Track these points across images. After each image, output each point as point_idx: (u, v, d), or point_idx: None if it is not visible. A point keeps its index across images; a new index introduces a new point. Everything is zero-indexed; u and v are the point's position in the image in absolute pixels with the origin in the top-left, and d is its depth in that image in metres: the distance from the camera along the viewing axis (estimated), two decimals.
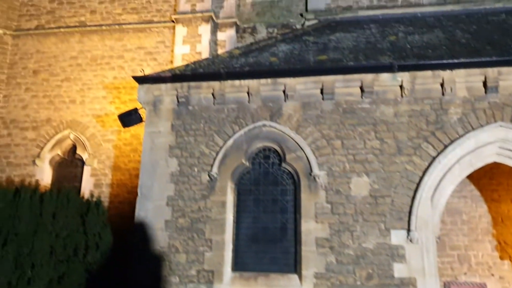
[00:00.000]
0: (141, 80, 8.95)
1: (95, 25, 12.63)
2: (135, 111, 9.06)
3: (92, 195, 9.17)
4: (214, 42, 12.16)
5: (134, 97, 11.92)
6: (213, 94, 8.61)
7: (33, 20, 13.04)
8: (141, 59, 12.28)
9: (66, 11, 12.96)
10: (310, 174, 7.86)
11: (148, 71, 12.10)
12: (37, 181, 11.47)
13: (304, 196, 7.81)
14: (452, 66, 7.67)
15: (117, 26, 12.54)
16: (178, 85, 8.77)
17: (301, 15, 11.99)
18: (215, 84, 8.61)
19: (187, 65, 9.60)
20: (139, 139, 11.50)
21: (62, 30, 12.70)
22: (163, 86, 8.85)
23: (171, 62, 12.07)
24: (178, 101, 8.74)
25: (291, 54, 9.35)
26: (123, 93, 12.07)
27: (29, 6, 13.19)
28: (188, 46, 11.93)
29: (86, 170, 11.64)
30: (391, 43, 9.25)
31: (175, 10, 12.44)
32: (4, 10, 12.87)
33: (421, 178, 7.55)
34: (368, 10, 11.41)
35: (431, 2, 11.23)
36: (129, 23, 12.56)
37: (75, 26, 12.71)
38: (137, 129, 11.16)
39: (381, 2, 11.50)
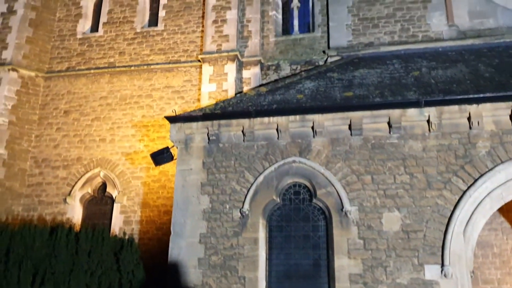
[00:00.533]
0: (173, 119, 9.27)
1: (124, 66, 13.16)
2: (166, 150, 9.36)
3: (124, 233, 9.38)
4: (239, 80, 12.54)
5: (162, 135, 12.30)
6: (243, 132, 8.87)
7: (64, 62, 13.64)
8: (169, 98, 12.69)
9: (95, 53, 13.54)
10: (342, 210, 7.98)
11: (175, 109, 12.49)
12: (68, 219, 11.76)
13: (336, 232, 7.91)
14: (478, 101, 7.84)
15: (145, 67, 13.04)
16: (208, 123, 9.07)
17: (324, 52, 12.34)
18: (245, 122, 8.88)
19: (216, 104, 9.93)
20: (167, 176, 11.78)
21: (92, 71, 13.26)
22: (194, 124, 9.15)
23: (198, 100, 12.45)
24: (209, 139, 9.02)
25: (317, 91, 9.63)
26: (151, 131, 12.44)
27: (60, 49, 13.82)
28: (215, 84, 12.32)
29: (116, 208, 11.91)
30: (416, 78, 9.48)
31: (201, 50, 12.92)
32: (36, 54, 13.50)
33: (452, 212, 7.61)
34: (390, 46, 11.71)
35: (452, 37, 11.49)
36: (157, 63, 13.06)
37: (105, 67, 13.26)
38: (166, 166, 11.41)
39: (402, 38, 11.79)
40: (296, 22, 13.37)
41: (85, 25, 14.05)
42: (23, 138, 12.73)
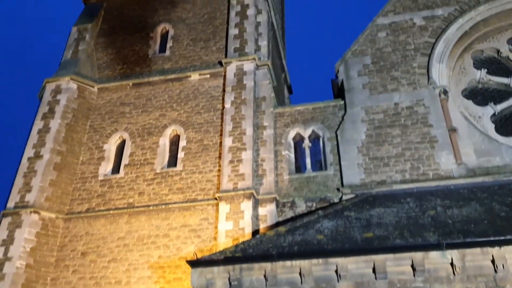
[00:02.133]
0: (194, 263, 9.37)
1: (143, 206, 13.60)
2: None
3: None
4: (255, 217, 12.85)
5: (178, 276, 12.27)
6: (265, 276, 8.90)
7: (84, 204, 14.12)
8: (186, 237, 12.89)
9: (115, 194, 14.08)
10: None
11: (191, 248, 12.64)
12: None
13: None
14: (500, 243, 8.03)
15: (163, 206, 13.47)
16: (230, 267, 9.14)
17: (338, 189, 12.83)
18: (267, 265, 8.96)
19: (236, 246, 10.08)
20: None
21: (111, 212, 13.66)
22: (215, 269, 9.22)
23: (215, 238, 12.63)
24: (230, 284, 9.02)
25: (336, 231, 9.85)
26: (167, 272, 12.41)
27: (81, 190, 14.41)
28: (231, 222, 12.60)
29: None
30: (432, 218, 9.77)
31: (218, 188, 13.45)
32: (58, 196, 14.05)
33: None
34: (402, 184, 12.22)
35: (461, 175, 12.05)
36: (175, 202, 13.51)
37: (124, 208, 13.69)
38: None
39: (413, 176, 12.35)
40: (308, 161, 14.09)
41: (107, 167, 14.82)
42: (39, 281, 12.67)
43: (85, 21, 18.27)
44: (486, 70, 14.54)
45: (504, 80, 14.37)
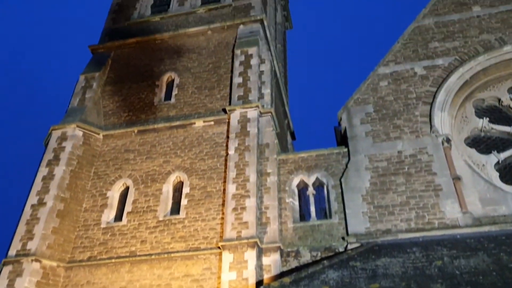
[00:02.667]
0: None
1: (145, 255, 13.45)
2: None
3: None
4: (259, 267, 12.66)
5: None
6: None
7: (86, 252, 13.98)
8: (188, 287, 12.65)
9: (118, 242, 13.97)
10: None
11: None
12: None
13: None
14: None
15: (165, 255, 13.32)
16: None
17: (343, 238, 12.71)
18: None
19: None
20: None
21: (113, 260, 13.50)
22: None
23: None
24: None
25: (342, 282, 9.70)
26: None
27: (84, 238, 14.31)
28: (235, 272, 12.40)
29: None
30: (439, 269, 9.63)
31: (221, 237, 13.33)
32: (60, 244, 13.94)
33: None
34: (407, 233, 12.11)
35: (467, 224, 11.96)
36: (177, 251, 13.36)
37: (126, 256, 13.53)
38: None
39: (418, 225, 12.27)
40: (312, 209, 14.03)
41: (109, 214, 14.78)
42: None
43: (93, 69, 18.74)
44: (488, 118, 14.72)
45: (506, 128, 14.51)
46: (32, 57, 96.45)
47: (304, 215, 14.15)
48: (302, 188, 14.59)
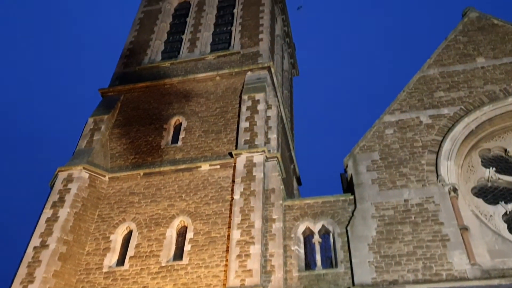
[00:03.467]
0: None
1: None
2: None
3: None
4: None
5: None
6: None
7: None
8: None
9: (119, 287, 13.70)
10: None
11: None
12: None
13: None
14: None
15: None
16: None
17: None
18: None
19: None
20: None
21: None
22: None
23: None
24: None
25: None
26: None
27: (85, 282, 14.06)
28: None
29: None
30: None
31: (224, 284, 13.08)
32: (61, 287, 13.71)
33: None
34: (415, 285, 11.86)
35: (476, 276, 11.71)
36: None
37: None
38: None
39: (426, 277, 12.01)
40: (318, 257, 13.81)
41: (112, 258, 14.60)
42: None
43: (102, 112, 19.04)
44: (494, 168, 14.68)
45: None
46: (42, 99, 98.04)
47: (309, 263, 13.90)
48: (308, 236, 14.41)
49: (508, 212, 13.72)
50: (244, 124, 17.36)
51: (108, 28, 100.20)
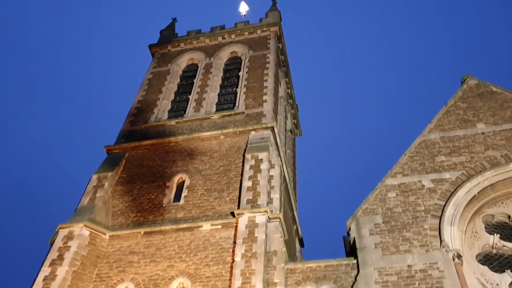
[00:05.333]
0: None
1: None
2: None
3: None
4: None
5: None
6: None
7: None
8: None
9: None
10: None
11: None
12: None
13: None
14: None
15: None
16: None
17: None
18: None
19: None
20: None
21: None
22: None
23: None
24: None
25: None
26: None
27: None
28: None
29: None
30: None
31: None
32: None
33: None
34: None
35: None
36: None
37: None
38: None
39: None
40: None
41: None
42: None
43: (106, 169, 19.11)
44: (499, 235, 14.43)
45: None
46: (46, 154, 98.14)
47: None
48: None
49: None
50: (247, 183, 17.32)
51: (116, 87, 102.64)
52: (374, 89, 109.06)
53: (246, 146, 19.08)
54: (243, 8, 32.00)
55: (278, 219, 16.05)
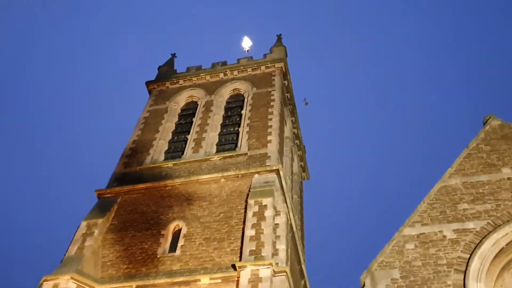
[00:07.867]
0: None
1: None
2: None
3: None
4: None
5: None
6: None
7: None
8: None
9: None
10: None
11: None
12: None
13: None
14: None
15: None
16: None
17: None
18: None
19: None
20: None
21: None
22: None
23: None
24: None
25: None
26: None
27: None
28: None
29: None
30: None
31: None
32: None
33: None
34: None
35: None
36: None
37: None
38: None
39: None
40: None
41: None
42: None
43: (96, 215, 18.73)
44: None
45: None
46: (30, 200, 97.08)
47: None
48: None
49: None
50: (249, 232, 16.87)
51: (109, 126, 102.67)
52: (389, 130, 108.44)
53: (249, 191, 18.71)
54: (246, 44, 32.27)
55: (285, 273, 15.53)
